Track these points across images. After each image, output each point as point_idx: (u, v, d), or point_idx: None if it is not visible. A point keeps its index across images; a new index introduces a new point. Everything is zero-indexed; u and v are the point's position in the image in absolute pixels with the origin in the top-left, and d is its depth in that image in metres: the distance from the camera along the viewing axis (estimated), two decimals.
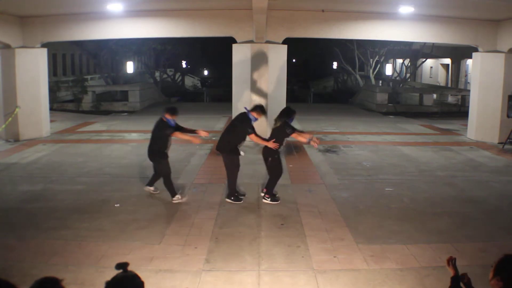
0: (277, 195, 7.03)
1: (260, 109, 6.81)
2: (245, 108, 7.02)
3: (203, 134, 6.97)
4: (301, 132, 7.05)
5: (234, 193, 6.93)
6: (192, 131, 7.06)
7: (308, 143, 6.83)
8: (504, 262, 2.39)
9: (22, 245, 5.26)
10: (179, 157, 9.96)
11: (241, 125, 6.76)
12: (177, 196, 6.88)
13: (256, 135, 6.72)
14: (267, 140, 6.72)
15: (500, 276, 2.34)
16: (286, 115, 6.78)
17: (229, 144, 6.79)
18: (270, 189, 6.94)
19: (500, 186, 8.04)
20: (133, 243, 5.37)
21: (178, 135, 6.78)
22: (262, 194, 6.97)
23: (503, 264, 2.38)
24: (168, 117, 6.70)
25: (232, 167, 6.85)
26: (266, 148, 6.82)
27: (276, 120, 6.82)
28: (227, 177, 6.94)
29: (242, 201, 6.89)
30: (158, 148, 6.78)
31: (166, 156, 6.85)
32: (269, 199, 6.88)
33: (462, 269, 4.75)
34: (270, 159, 6.82)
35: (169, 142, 6.81)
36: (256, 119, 6.80)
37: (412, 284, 4.47)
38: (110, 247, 5.25)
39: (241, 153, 6.90)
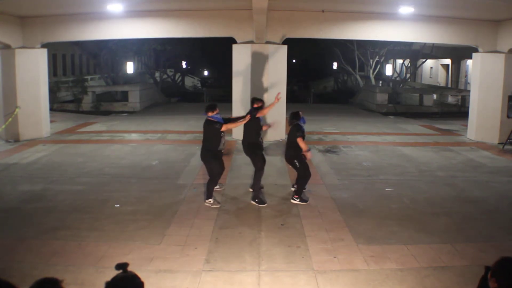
0: (305, 195, 7.13)
1: (252, 101, 7.21)
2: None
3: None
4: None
5: (259, 194, 6.97)
6: (242, 117, 7.11)
7: (303, 152, 6.90)
8: (500, 264, 2.42)
9: (22, 245, 5.26)
10: (179, 157, 9.96)
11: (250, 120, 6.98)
12: (211, 200, 6.77)
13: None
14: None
15: (495, 278, 2.37)
16: (295, 118, 7.04)
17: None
18: (299, 192, 7.00)
19: (500, 187, 8.03)
20: (133, 244, 5.37)
21: (229, 126, 6.82)
22: (294, 201, 6.97)
23: (499, 267, 2.41)
24: (211, 114, 6.63)
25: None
26: (288, 152, 7.08)
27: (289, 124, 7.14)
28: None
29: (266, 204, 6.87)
30: (209, 148, 6.69)
31: (218, 156, 6.77)
32: (298, 200, 6.93)
33: (462, 269, 4.77)
34: (296, 161, 6.98)
35: (221, 141, 6.69)
36: (255, 108, 7.06)
37: (412, 284, 4.47)
38: (110, 247, 5.25)
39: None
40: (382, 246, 5.34)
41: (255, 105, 7.10)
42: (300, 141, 6.81)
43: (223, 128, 6.61)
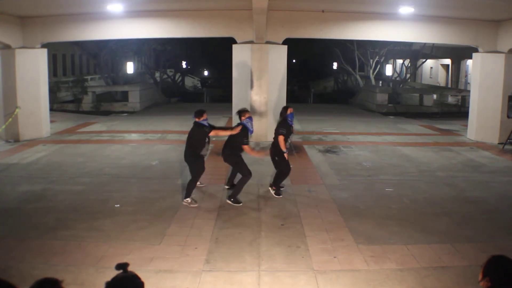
0: (281, 190, 7.28)
1: (239, 112, 7.11)
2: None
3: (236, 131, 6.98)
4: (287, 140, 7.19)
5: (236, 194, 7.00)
6: (229, 128, 7.26)
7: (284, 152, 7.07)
8: (492, 263, 2.42)
9: (22, 245, 5.26)
10: (179, 157, 9.94)
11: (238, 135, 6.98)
12: (189, 199, 6.80)
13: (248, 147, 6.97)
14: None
15: (489, 277, 2.36)
16: (283, 112, 7.23)
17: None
18: (277, 184, 7.16)
19: (500, 187, 8.03)
20: (133, 244, 5.37)
21: (219, 132, 7.01)
22: (271, 190, 7.20)
23: (491, 265, 2.41)
24: (198, 120, 6.73)
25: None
26: (271, 148, 7.24)
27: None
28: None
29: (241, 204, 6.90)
30: (194, 150, 6.73)
31: (201, 158, 6.82)
32: (274, 192, 7.10)
33: (462, 269, 4.77)
34: (276, 158, 7.19)
35: (205, 144, 6.76)
36: (249, 120, 7.03)
37: (412, 284, 4.47)
38: (110, 247, 5.25)
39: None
40: (382, 246, 5.34)
41: (243, 118, 7.01)
42: (280, 139, 6.92)
43: (212, 132, 6.72)
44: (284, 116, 7.19)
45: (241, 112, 7.07)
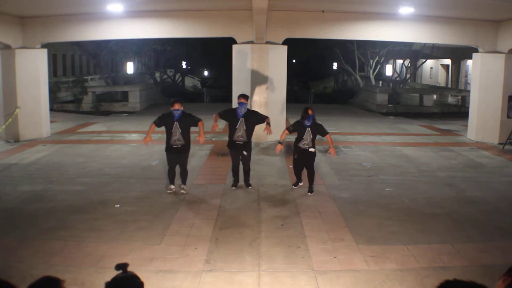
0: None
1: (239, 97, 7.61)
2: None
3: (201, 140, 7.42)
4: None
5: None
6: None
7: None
8: None
9: (22, 246, 5.26)
10: None
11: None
12: (183, 186, 7.23)
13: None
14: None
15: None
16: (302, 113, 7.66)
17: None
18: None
19: (500, 187, 8.03)
20: (133, 244, 5.37)
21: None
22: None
23: None
24: (171, 108, 7.16)
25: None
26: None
27: None
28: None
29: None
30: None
31: (168, 149, 7.27)
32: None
33: (462, 269, 4.77)
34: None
35: (172, 136, 7.11)
36: (243, 104, 7.43)
37: (412, 284, 4.47)
38: (110, 247, 5.24)
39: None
40: (382, 246, 5.33)
41: (238, 101, 7.47)
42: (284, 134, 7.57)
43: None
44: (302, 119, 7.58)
45: (238, 97, 7.57)
